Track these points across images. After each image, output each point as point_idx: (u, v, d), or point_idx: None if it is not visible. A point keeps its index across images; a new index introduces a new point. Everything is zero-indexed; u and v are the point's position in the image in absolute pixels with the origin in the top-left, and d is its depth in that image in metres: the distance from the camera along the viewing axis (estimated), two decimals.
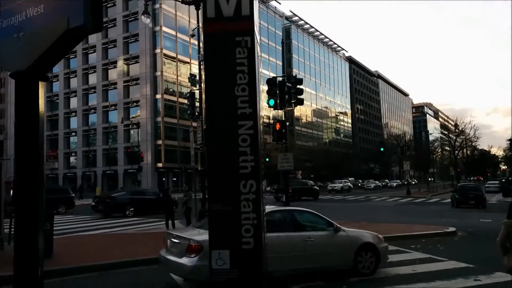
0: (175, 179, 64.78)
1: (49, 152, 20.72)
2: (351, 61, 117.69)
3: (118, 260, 9.73)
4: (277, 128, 14.97)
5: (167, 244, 7.75)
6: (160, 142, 63.70)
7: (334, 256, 7.99)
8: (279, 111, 18.18)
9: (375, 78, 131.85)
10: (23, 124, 1.94)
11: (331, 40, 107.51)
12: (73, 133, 72.69)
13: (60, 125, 73.68)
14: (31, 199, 1.92)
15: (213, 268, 4.11)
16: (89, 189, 58.47)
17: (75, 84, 72.67)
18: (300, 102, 15.71)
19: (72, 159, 73.15)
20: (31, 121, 1.92)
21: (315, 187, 40.88)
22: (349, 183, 59.55)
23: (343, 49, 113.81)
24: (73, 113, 72.62)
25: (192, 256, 6.82)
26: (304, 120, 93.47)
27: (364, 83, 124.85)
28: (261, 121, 4.34)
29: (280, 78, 15.72)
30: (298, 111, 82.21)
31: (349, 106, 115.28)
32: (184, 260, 6.94)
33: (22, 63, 1.89)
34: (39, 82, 1.97)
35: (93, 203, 23.17)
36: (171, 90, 66.01)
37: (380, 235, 9.01)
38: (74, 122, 72.57)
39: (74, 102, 72.78)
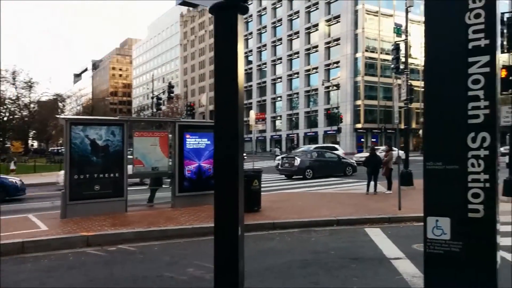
0: (374, 139, 63.22)
1: (258, 115, 22.53)
2: None
3: (318, 218, 9.84)
4: (503, 76, 12.33)
5: None
6: (359, 102, 62.74)
7: None
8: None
9: None
10: (222, 60, 1.76)
11: None
12: (279, 98, 78.14)
13: (267, 91, 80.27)
14: (230, 140, 1.75)
15: (428, 238, 3.45)
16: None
17: (280, 51, 77.44)
18: None
19: (277, 122, 79.23)
20: (230, 57, 1.73)
21: None
22: None
23: None
24: (279, 79, 77.86)
25: None
26: None
27: None
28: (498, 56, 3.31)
29: (508, 14, 12.74)
30: None
31: None
32: None
33: None
34: (238, 15, 1.74)
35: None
36: (372, 47, 63.69)
37: None
38: (280, 88, 77.90)
39: (279, 69, 77.88)
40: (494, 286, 3.11)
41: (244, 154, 40.53)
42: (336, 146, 36.99)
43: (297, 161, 22.18)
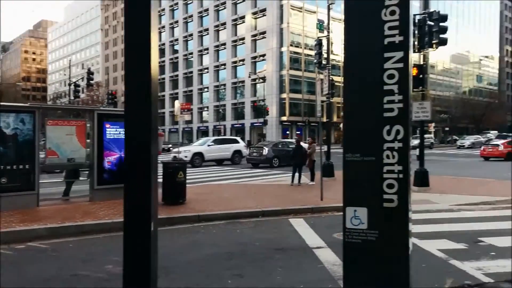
0: (298, 132, 65.25)
1: (183, 105, 22.11)
2: None
3: (243, 210, 9.90)
4: (414, 74, 13.30)
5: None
6: (284, 95, 64.21)
7: None
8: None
9: None
10: (133, 45, 1.61)
11: None
12: (206, 89, 77.40)
13: (194, 82, 79.09)
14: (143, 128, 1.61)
15: (347, 227, 3.54)
16: None
17: (207, 42, 76.53)
18: (444, 42, 13.63)
19: (204, 113, 78.54)
20: (142, 43, 1.58)
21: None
22: (482, 139, 52.50)
23: None
24: (206, 70, 77.05)
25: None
26: (440, 67, 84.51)
27: None
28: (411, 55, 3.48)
29: (419, 16, 13.71)
30: (432, 56, 74.25)
31: (496, 49, 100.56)
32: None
33: None
34: None
35: None
36: (296, 42, 65.38)
37: None
38: (207, 79, 77.14)
39: (206, 60, 77.02)
40: (406, 270, 3.29)
41: (170, 146, 39.31)
42: (238, 138, 35.45)
43: (265, 151, 24.11)
